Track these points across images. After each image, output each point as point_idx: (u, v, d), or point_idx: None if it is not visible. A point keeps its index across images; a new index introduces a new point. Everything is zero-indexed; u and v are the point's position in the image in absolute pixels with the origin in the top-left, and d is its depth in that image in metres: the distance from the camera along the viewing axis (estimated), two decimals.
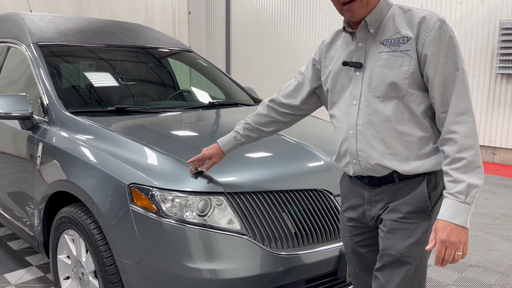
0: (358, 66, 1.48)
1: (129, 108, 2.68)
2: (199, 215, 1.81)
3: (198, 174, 1.87)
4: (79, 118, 2.38)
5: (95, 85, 3.03)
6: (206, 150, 1.83)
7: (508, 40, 6.09)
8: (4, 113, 2.47)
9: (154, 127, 2.47)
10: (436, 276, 2.97)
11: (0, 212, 2.95)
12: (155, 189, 1.82)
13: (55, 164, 2.27)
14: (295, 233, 1.91)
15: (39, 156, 2.40)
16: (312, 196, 2.01)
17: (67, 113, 2.44)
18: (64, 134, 2.34)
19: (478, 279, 2.94)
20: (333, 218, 2.04)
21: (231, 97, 3.49)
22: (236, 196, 1.85)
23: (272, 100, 1.78)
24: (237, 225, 1.81)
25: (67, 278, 2.36)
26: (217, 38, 10.26)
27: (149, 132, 2.37)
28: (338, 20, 8.03)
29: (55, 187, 2.24)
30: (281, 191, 1.94)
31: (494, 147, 6.55)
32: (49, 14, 3.48)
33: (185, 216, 1.79)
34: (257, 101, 3.44)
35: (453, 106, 1.36)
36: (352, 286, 1.77)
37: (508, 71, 6.15)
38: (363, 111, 1.46)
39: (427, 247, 1.37)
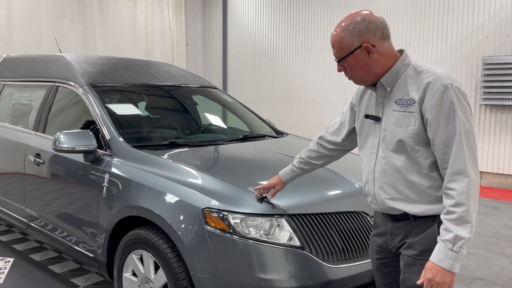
0: (377, 119, 1.70)
1: (180, 142, 3.03)
2: (265, 234, 2.16)
3: (262, 199, 2.23)
4: (143, 151, 2.73)
5: (145, 121, 3.39)
6: (271, 181, 2.19)
7: (490, 74, 6.69)
8: (70, 147, 2.79)
9: (209, 158, 2.83)
10: None
11: (56, 237, 3.22)
12: (227, 212, 2.17)
13: (124, 192, 2.59)
14: (342, 248, 2.28)
15: (105, 185, 2.72)
16: (353, 217, 2.39)
17: (130, 147, 2.78)
18: (130, 165, 2.67)
19: None
20: (369, 235, 2.41)
21: (254, 130, 3.85)
22: (294, 217, 2.21)
23: (320, 138, 2.12)
24: (296, 242, 2.17)
25: None
26: (214, 69, 10.72)
27: (206, 162, 2.73)
28: (331, 54, 8.56)
29: (126, 212, 2.55)
30: (329, 213, 2.32)
31: (481, 171, 7.06)
32: (90, 56, 3.84)
33: (253, 234, 2.14)
34: (279, 133, 3.82)
35: (450, 166, 1.53)
36: None
37: (491, 102, 6.73)
38: (379, 161, 1.69)
39: (418, 282, 1.57)
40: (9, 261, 3.82)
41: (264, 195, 2.23)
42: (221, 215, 2.17)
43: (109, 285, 3.37)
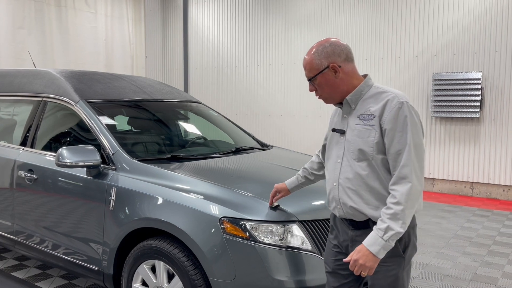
0: (342, 132, 1.94)
1: (181, 156, 3.15)
2: (279, 239, 2.35)
3: (275, 207, 2.42)
4: (150, 165, 2.83)
5: (142, 135, 3.47)
6: (278, 185, 2.38)
7: (440, 89, 7.30)
8: (74, 162, 2.84)
9: (213, 170, 2.98)
10: (420, 285, 3.68)
11: (52, 253, 3.21)
12: (244, 220, 2.34)
13: (135, 205, 2.68)
14: None
15: (112, 199, 2.79)
16: None
17: (135, 161, 2.87)
18: (139, 179, 2.76)
19: (455, 285, 3.69)
20: None
21: (239, 142, 4.02)
22: (305, 223, 2.42)
23: (320, 151, 2.34)
24: (308, 245, 2.38)
25: None
26: (174, 81, 10.76)
27: (212, 174, 2.87)
28: (292, 68, 8.96)
29: (137, 225, 2.64)
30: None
31: (433, 178, 7.64)
32: (76, 71, 3.86)
33: (269, 240, 2.32)
34: (263, 145, 4.03)
35: (398, 171, 1.76)
36: None
37: (440, 115, 7.33)
38: (344, 169, 1.90)
39: (345, 260, 1.82)
40: None
41: (275, 204, 2.42)
42: (240, 223, 2.33)
43: None
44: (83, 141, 3.29)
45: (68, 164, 2.83)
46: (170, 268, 2.52)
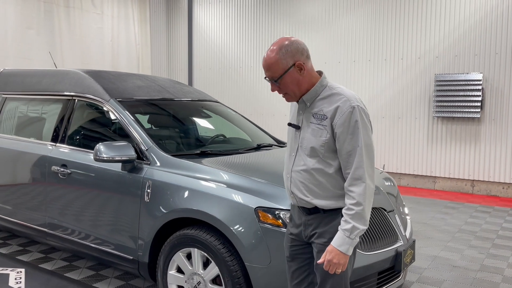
0: (297, 128, 2.04)
1: (209, 151, 3.33)
2: None
3: None
4: (183, 159, 3.01)
5: (171, 132, 3.65)
6: None
7: (441, 90, 7.52)
8: (111, 157, 3.01)
9: (242, 164, 3.16)
10: (432, 275, 3.88)
11: (85, 243, 3.37)
12: (278, 210, 2.53)
13: (172, 197, 2.86)
14: (371, 238, 2.70)
15: (148, 191, 2.97)
16: (376, 212, 2.84)
17: (170, 156, 3.05)
18: (175, 172, 2.94)
19: (464, 275, 3.90)
20: (388, 227, 2.87)
21: (256, 139, 4.19)
22: None
23: None
24: None
25: None
26: (179, 81, 10.91)
27: (242, 168, 3.06)
28: None
29: (174, 215, 2.82)
30: None
31: (435, 176, 7.87)
32: (103, 71, 4.03)
33: None
34: (281, 142, 4.21)
35: (352, 173, 1.88)
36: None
37: (442, 114, 7.56)
38: (296, 162, 2.03)
39: (318, 261, 1.94)
40: (21, 271, 3.88)
41: None
42: (275, 213, 2.52)
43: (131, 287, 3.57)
44: (114, 137, 3.47)
45: (105, 158, 3.01)
46: (207, 255, 2.70)
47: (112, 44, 10.13)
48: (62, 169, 3.48)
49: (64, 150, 3.58)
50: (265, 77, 2.05)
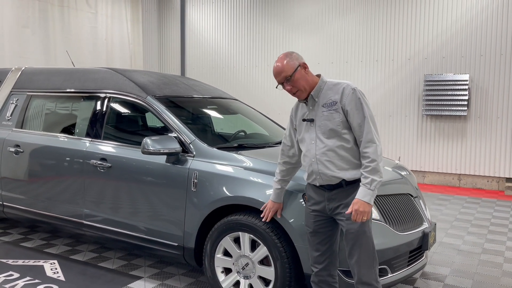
0: (311, 120, 2.50)
1: (245, 144, 3.58)
2: None
3: None
4: (226, 152, 3.25)
5: (207, 127, 3.86)
6: (272, 208, 2.76)
7: (430, 89, 7.97)
8: (157, 150, 3.22)
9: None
10: (441, 258, 4.23)
11: (127, 233, 3.55)
12: None
13: (219, 186, 3.08)
14: (402, 220, 3.01)
15: (194, 181, 3.19)
16: (403, 197, 3.16)
17: (214, 149, 3.28)
18: (219, 163, 3.17)
19: (469, 257, 4.27)
20: (414, 211, 3.19)
21: (274, 135, 4.44)
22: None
23: (284, 161, 2.73)
24: (376, 215, 2.86)
25: (222, 272, 3.14)
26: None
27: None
28: None
29: (223, 202, 3.05)
30: (393, 194, 3.07)
31: (424, 171, 8.32)
32: (131, 69, 4.21)
33: None
34: None
35: (364, 138, 2.37)
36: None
37: (431, 113, 8.01)
38: (318, 146, 2.46)
39: (347, 212, 2.36)
40: (54, 263, 4.02)
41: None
42: None
43: (168, 275, 3.77)
44: (151, 132, 3.66)
45: (152, 151, 3.21)
46: (255, 238, 2.94)
47: (106, 43, 10.18)
48: (101, 163, 3.64)
49: (101, 145, 3.74)
50: (276, 86, 2.58)
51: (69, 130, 4.14)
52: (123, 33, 10.60)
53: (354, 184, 2.44)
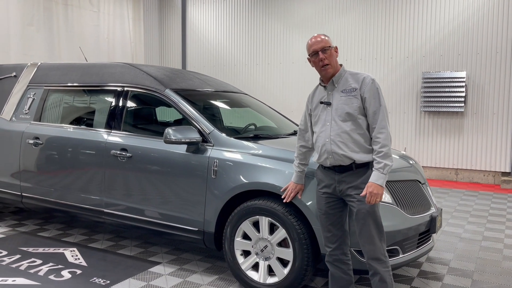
0: (329, 104, 2.70)
1: (260, 135, 3.75)
2: None
3: None
4: (244, 141, 3.42)
5: (222, 118, 4.03)
6: (295, 188, 2.94)
7: (428, 86, 8.19)
8: (178, 139, 3.38)
9: (293, 144, 3.59)
10: (445, 245, 4.44)
11: (148, 219, 3.70)
12: None
13: (238, 173, 3.25)
14: (412, 204, 3.21)
15: (215, 169, 3.35)
16: (413, 184, 3.35)
17: (232, 138, 3.45)
18: (239, 152, 3.34)
19: (471, 243, 4.48)
20: (423, 197, 3.38)
21: (283, 127, 4.59)
22: (386, 183, 3.08)
23: (301, 145, 2.92)
24: (389, 199, 3.05)
25: (242, 254, 3.31)
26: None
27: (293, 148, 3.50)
28: (291, 67, 9.65)
29: (242, 188, 3.21)
30: (403, 180, 3.26)
31: (422, 166, 8.52)
32: (146, 64, 4.37)
33: None
34: None
35: (378, 124, 2.57)
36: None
37: (429, 109, 8.23)
38: (333, 128, 2.66)
39: (361, 194, 2.55)
40: (74, 250, 4.16)
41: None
42: None
43: (185, 261, 3.93)
44: (169, 123, 3.82)
45: (174, 140, 3.37)
46: (274, 221, 3.11)
47: (108, 41, 10.30)
48: (121, 153, 3.79)
49: (121, 136, 3.89)
50: (309, 54, 2.72)
51: (87, 122, 4.29)
52: (125, 31, 10.73)
53: (363, 167, 2.64)
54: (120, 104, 4.03)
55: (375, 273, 2.65)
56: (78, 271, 3.64)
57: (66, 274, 3.58)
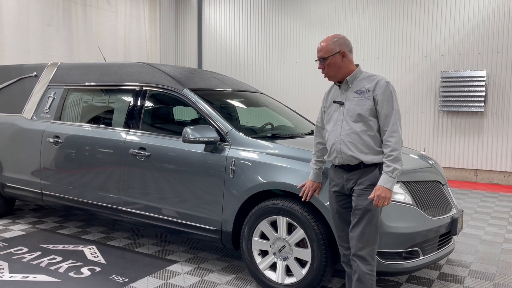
0: (341, 103, 2.66)
1: (278, 134, 3.74)
2: None
3: None
4: (262, 141, 3.41)
5: (239, 117, 4.03)
6: (312, 187, 2.93)
7: (447, 86, 8.08)
8: (197, 138, 3.39)
9: (311, 143, 3.57)
10: (465, 247, 4.36)
11: (164, 218, 3.72)
12: None
13: (257, 173, 3.24)
14: (432, 205, 3.16)
15: (233, 169, 3.35)
16: (434, 185, 3.30)
17: (250, 138, 3.44)
18: (257, 151, 3.33)
19: (492, 246, 4.40)
20: (444, 198, 3.33)
21: (300, 127, 4.57)
22: (406, 184, 3.05)
23: (318, 142, 2.89)
24: (409, 200, 3.01)
25: (259, 254, 3.30)
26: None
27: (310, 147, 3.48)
28: (307, 67, 9.61)
29: (260, 188, 3.21)
30: (424, 181, 3.21)
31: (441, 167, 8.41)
32: (165, 64, 4.39)
33: None
34: None
35: (389, 128, 2.51)
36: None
37: (448, 109, 8.12)
38: (343, 128, 2.62)
39: (369, 197, 2.50)
40: (93, 248, 4.21)
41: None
42: None
43: (203, 260, 3.94)
44: (188, 123, 3.83)
45: (192, 139, 3.38)
46: (292, 221, 3.10)
47: (124, 41, 10.41)
48: (140, 152, 3.82)
49: (139, 135, 3.92)
50: (316, 60, 2.72)
51: (106, 121, 4.33)
52: (141, 31, 10.83)
53: (371, 166, 2.60)
54: (139, 103, 4.06)
55: (356, 271, 2.61)
56: (97, 269, 3.68)
57: (85, 271, 3.62)
